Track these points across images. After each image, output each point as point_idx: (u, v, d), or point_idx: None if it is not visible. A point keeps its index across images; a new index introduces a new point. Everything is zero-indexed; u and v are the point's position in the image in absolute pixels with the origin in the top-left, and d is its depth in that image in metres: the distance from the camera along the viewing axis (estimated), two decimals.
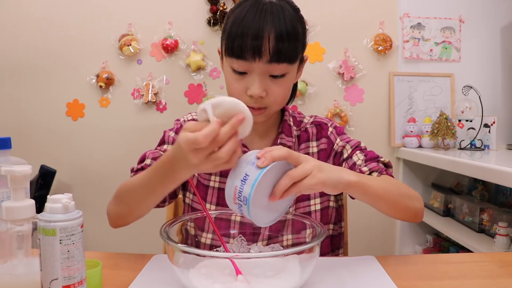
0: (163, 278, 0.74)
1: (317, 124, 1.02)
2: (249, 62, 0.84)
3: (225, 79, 0.93)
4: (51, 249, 0.54)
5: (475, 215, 1.74)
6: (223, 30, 0.90)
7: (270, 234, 0.89)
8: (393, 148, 2.22)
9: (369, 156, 0.95)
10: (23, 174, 0.58)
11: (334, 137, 1.00)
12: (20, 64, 2.18)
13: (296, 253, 0.65)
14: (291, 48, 0.84)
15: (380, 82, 2.21)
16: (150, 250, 0.96)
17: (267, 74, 0.86)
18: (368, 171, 0.90)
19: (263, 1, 0.85)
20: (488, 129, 2.04)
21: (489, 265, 0.84)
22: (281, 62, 0.84)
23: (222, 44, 0.91)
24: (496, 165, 1.38)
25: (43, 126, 2.19)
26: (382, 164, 0.93)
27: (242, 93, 0.88)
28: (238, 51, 0.84)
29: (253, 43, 0.82)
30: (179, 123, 1.07)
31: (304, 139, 1.01)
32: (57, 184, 2.11)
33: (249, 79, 0.87)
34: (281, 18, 0.83)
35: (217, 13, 2.12)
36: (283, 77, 0.88)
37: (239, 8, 0.87)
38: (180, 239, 0.80)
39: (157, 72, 2.17)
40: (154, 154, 0.98)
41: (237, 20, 0.84)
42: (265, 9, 0.83)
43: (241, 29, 0.83)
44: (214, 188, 0.98)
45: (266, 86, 0.87)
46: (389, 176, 0.92)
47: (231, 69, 0.88)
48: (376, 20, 2.19)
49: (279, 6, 0.85)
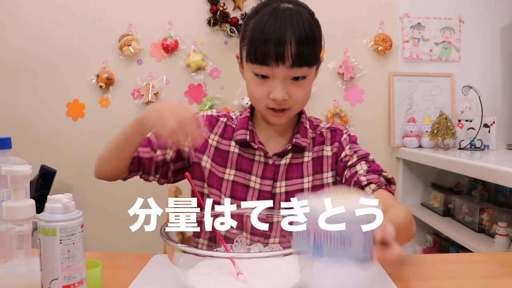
0: (163, 278, 0.74)
1: (332, 130, 1.04)
2: (272, 68, 0.87)
3: (246, 84, 0.96)
4: (51, 249, 0.54)
5: (475, 215, 1.74)
6: (242, 36, 0.93)
7: (271, 234, 0.89)
8: (393, 148, 2.22)
9: (373, 168, 0.94)
10: (23, 174, 0.58)
11: (346, 144, 1.02)
12: (21, 64, 2.18)
13: (296, 253, 0.65)
14: (311, 52, 0.88)
15: (380, 82, 2.21)
16: (150, 250, 0.96)
17: (289, 78, 0.89)
18: (366, 182, 0.90)
19: (281, 7, 0.88)
20: (488, 129, 2.05)
21: (489, 265, 0.85)
22: (302, 66, 0.88)
23: (242, 50, 0.94)
24: (496, 165, 1.39)
25: (43, 126, 2.19)
26: (383, 179, 0.92)
27: (265, 96, 0.91)
28: (261, 57, 0.87)
29: (275, 49, 0.85)
30: (196, 116, 1.04)
31: (319, 142, 1.02)
32: (57, 184, 2.11)
33: (271, 83, 0.89)
34: (300, 24, 0.86)
35: (217, 13, 2.12)
36: (304, 79, 0.91)
37: (258, 16, 0.89)
38: (180, 239, 0.81)
39: (157, 72, 2.17)
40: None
41: (258, 27, 0.87)
42: (285, 16, 0.86)
43: (264, 36, 0.85)
44: (229, 181, 0.99)
45: (288, 89, 0.90)
46: (389, 192, 0.90)
47: (253, 74, 0.91)
48: (376, 20, 2.19)
49: (297, 12, 0.88)
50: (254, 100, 0.95)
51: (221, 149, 1.02)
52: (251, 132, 1.00)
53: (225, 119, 1.06)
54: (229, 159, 1.01)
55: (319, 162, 1.01)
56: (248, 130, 1.00)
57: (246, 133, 0.99)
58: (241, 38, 0.95)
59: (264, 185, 0.98)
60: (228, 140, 1.02)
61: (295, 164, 1.00)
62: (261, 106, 0.93)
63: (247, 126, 1.01)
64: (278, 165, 0.99)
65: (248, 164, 1.00)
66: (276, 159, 0.99)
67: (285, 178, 0.99)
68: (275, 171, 0.99)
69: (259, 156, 1.00)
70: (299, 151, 1.00)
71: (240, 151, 1.01)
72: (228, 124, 1.04)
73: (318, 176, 1.00)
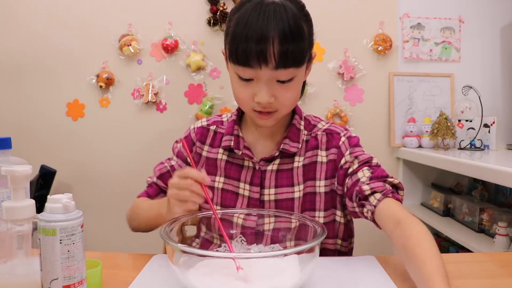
0: (163, 278, 0.74)
1: (328, 132, 0.96)
2: (255, 69, 0.81)
3: (231, 85, 0.89)
4: (51, 249, 0.54)
5: (475, 215, 1.74)
6: (226, 32, 0.86)
7: (272, 235, 0.88)
8: (393, 148, 2.22)
9: (376, 173, 0.87)
10: (23, 174, 0.58)
11: (344, 148, 0.93)
12: (20, 64, 2.18)
13: (296, 253, 0.65)
14: (297, 51, 0.80)
15: (380, 82, 2.21)
16: (150, 250, 0.96)
17: (274, 80, 0.83)
18: (370, 191, 0.83)
19: (265, 1, 0.80)
20: (488, 129, 2.05)
21: (489, 265, 0.84)
22: (288, 67, 0.81)
23: (225, 48, 0.87)
24: (496, 165, 1.38)
25: (43, 126, 2.19)
26: (389, 185, 0.84)
27: (250, 99, 0.85)
28: (242, 58, 0.80)
29: (257, 48, 0.78)
30: (188, 131, 1.06)
31: (313, 146, 0.95)
32: (57, 184, 2.11)
33: (255, 86, 0.83)
34: (285, 19, 0.78)
35: (217, 13, 2.12)
36: (291, 81, 0.84)
37: (242, 11, 0.82)
38: (180, 239, 0.81)
39: (157, 72, 2.17)
40: (160, 171, 1.05)
41: (240, 24, 0.80)
42: (268, 11, 0.78)
43: (245, 34, 0.78)
44: (218, 189, 0.97)
45: (273, 91, 0.83)
46: (396, 200, 0.82)
47: (237, 76, 0.85)
48: (376, 20, 2.19)
49: (282, 6, 0.80)
50: (239, 101, 0.89)
51: (210, 157, 1.00)
52: (236, 137, 0.96)
53: (215, 126, 1.03)
54: (218, 166, 0.98)
55: (312, 168, 0.94)
56: (233, 135, 0.96)
57: (231, 139, 0.96)
58: (225, 34, 0.87)
59: (253, 192, 0.94)
60: (216, 148, 1.00)
61: (284, 170, 0.94)
62: (246, 108, 0.88)
63: (232, 131, 0.97)
64: (264, 170, 0.94)
65: (236, 171, 0.96)
66: (262, 165, 0.94)
67: (275, 186, 0.94)
68: (262, 177, 0.94)
69: (248, 161, 0.96)
70: (289, 156, 0.94)
71: (228, 157, 0.98)
72: (218, 131, 1.02)
73: (310, 183, 0.93)
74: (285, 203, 0.93)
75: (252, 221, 0.90)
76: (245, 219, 0.90)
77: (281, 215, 0.86)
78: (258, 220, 0.89)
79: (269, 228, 0.89)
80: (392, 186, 0.85)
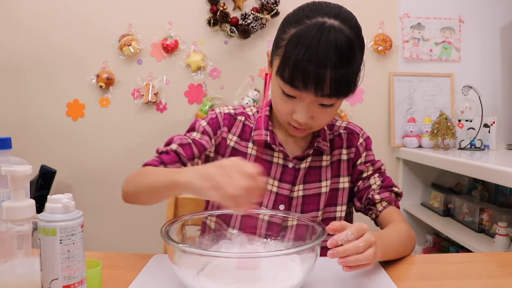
0: (163, 278, 0.74)
1: (349, 132, 1.03)
2: (301, 92, 0.82)
3: (272, 94, 0.91)
4: (51, 249, 0.54)
5: (475, 215, 1.74)
6: (277, 43, 0.85)
7: (270, 234, 0.89)
8: (393, 148, 2.22)
9: (386, 183, 0.98)
10: (23, 174, 0.58)
11: (362, 150, 1.02)
12: (20, 64, 2.18)
13: (297, 253, 0.65)
14: (348, 84, 0.82)
15: (380, 82, 2.21)
16: (150, 250, 0.96)
17: (316, 103, 0.85)
18: (380, 200, 0.95)
19: (326, 26, 0.79)
20: (488, 129, 2.05)
21: (489, 265, 0.85)
22: (336, 97, 0.83)
23: (274, 57, 0.87)
24: (496, 165, 1.39)
25: (43, 126, 2.19)
26: (394, 194, 0.98)
27: (288, 114, 0.88)
28: (295, 81, 0.80)
29: (312, 78, 0.79)
30: (214, 114, 1.01)
31: (338, 145, 1.01)
32: (57, 184, 2.11)
33: (297, 104, 0.85)
34: (344, 52, 0.78)
35: (217, 13, 2.12)
36: (332, 106, 0.86)
37: (301, 28, 0.80)
38: (181, 239, 0.81)
39: (157, 72, 2.17)
40: (181, 140, 0.95)
41: (299, 45, 0.79)
42: (329, 40, 0.78)
43: (304, 60, 0.78)
44: None
45: (313, 113, 0.86)
46: (397, 208, 0.97)
47: (281, 90, 0.85)
48: (376, 20, 2.19)
49: (342, 35, 0.79)
50: (277, 112, 0.92)
51: (239, 150, 0.99)
52: (271, 132, 0.97)
53: (243, 117, 1.01)
54: (247, 160, 0.96)
55: (337, 166, 1.00)
56: (268, 131, 0.97)
57: (266, 134, 0.96)
58: (275, 43, 0.87)
59: (282, 189, 0.96)
60: (246, 141, 0.99)
61: (314, 168, 0.98)
62: (283, 119, 0.91)
63: (267, 126, 0.97)
64: (298, 168, 0.97)
65: (266, 166, 0.97)
66: (296, 163, 0.97)
67: (303, 182, 0.97)
68: (295, 175, 0.97)
69: (278, 158, 0.97)
70: (319, 154, 0.99)
71: (257, 152, 0.98)
72: (246, 124, 1.01)
73: (336, 180, 1.00)
74: (312, 198, 0.97)
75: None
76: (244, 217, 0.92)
77: (281, 215, 0.89)
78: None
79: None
80: (396, 194, 0.99)
